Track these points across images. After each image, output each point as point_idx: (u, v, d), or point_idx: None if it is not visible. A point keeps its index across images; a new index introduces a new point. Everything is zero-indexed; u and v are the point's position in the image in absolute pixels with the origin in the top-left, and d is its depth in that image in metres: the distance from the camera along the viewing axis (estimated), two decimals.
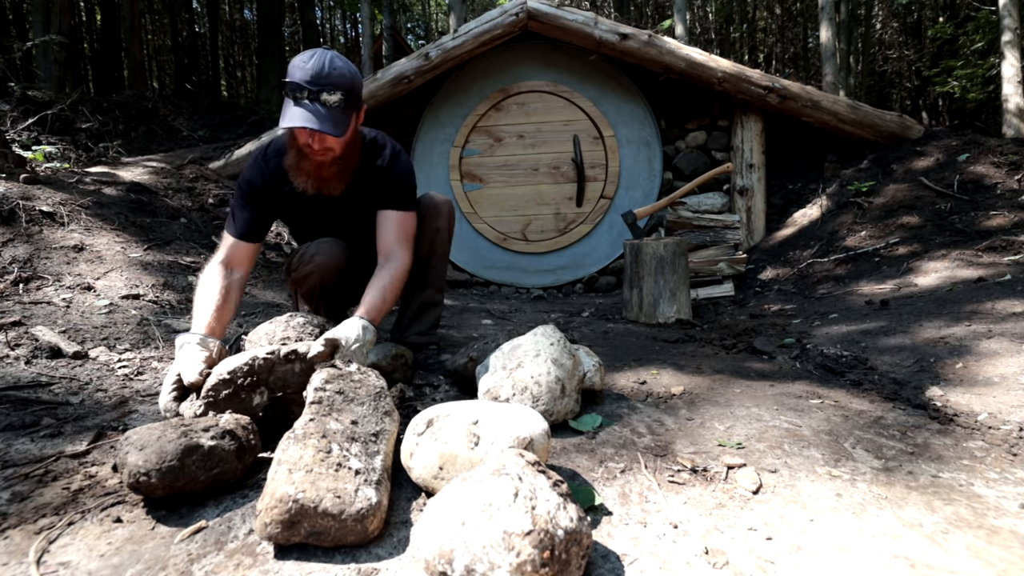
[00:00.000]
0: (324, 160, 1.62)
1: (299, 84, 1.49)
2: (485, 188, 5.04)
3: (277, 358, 1.29)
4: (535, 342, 1.44)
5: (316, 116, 1.49)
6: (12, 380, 1.62)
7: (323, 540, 0.91)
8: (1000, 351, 1.85)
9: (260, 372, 1.28)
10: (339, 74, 1.52)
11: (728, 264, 4.12)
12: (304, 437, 0.99)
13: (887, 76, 14.41)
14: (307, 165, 1.63)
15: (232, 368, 1.25)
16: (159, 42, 16.70)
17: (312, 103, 1.50)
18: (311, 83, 1.49)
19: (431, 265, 1.97)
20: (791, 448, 1.26)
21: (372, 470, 0.99)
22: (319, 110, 1.50)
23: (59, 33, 6.69)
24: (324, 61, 1.51)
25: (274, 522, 0.88)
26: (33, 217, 2.85)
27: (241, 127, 7.10)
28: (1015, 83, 5.79)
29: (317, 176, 1.65)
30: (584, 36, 4.62)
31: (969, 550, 0.90)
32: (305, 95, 1.49)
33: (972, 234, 3.52)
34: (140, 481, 1.00)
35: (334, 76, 1.51)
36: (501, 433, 1.03)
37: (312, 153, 1.59)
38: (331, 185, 1.69)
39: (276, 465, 0.94)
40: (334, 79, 1.51)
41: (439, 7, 23.62)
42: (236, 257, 1.69)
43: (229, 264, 1.66)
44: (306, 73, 1.49)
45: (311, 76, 1.49)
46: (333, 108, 1.51)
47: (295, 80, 1.50)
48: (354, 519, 0.91)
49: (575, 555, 0.80)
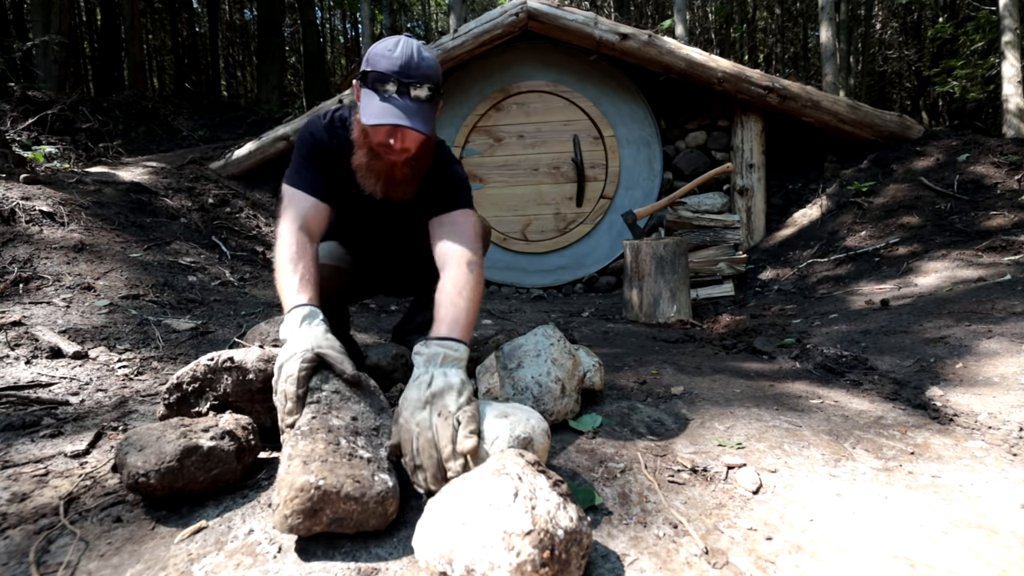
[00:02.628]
0: (398, 160, 1.42)
1: (386, 75, 1.31)
2: (485, 188, 5.04)
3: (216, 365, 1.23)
4: (535, 342, 1.44)
5: (405, 112, 1.31)
6: (12, 380, 1.62)
7: (345, 526, 0.91)
8: (1000, 351, 1.85)
9: (203, 379, 1.24)
10: (428, 64, 1.35)
11: (728, 264, 4.12)
12: (311, 432, 1.00)
13: (887, 76, 14.41)
14: (379, 166, 1.44)
15: (179, 373, 1.23)
16: (159, 42, 16.70)
17: (401, 97, 1.32)
18: (401, 74, 1.31)
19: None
20: (791, 448, 1.26)
21: (381, 459, 1.02)
22: (408, 105, 1.32)
23: (59, 33, 6.69)
24: (412, 50, 1.34)
25: (295, 512, 0.88)
26: (33, 217, 2.85)
27: (241, 127, 7.10)
28: (1015, 83, 5.80)
29: (388, 178, 1.46)
30: (584, 36, 4.62)
31: (969, 550, 0.90)
32: (395, 88, 1.32)
33: (972, 234, 3.52)
34: (139, 482, 1.00)
35: (424, 67, 1.33)
36: (501, 432, 1.03)
37: (387, 153, 1.41)
38: (402, 188, 1.49)
39: (288, 460, 0.94)
40: (424, 70, 1.33)
41: (439, 7, 23.62)
42: (314, 220, 1.43)
43: (305, 229, 1.39)
44: (393, 63, 1.32)
45: (400, 66, 1.31)
46: (423, 103, 1.34)
47: (380, 70, 1.32)
48: (375, 501, 0.92)
49: (575, 555, 0.80)
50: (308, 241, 1.37)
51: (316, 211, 1.44)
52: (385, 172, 1.45)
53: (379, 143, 1.39)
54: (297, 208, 1.42)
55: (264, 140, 4.83)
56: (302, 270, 1.30)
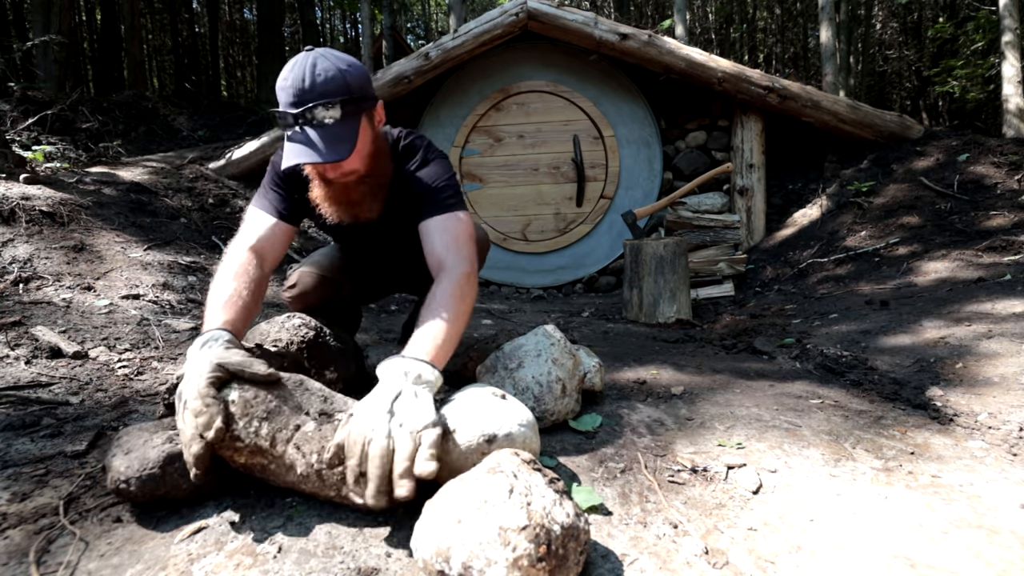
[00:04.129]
0: (350, 182, 1.34)
1: (283, 111, 1.21)
2: (485, 188, 5.04)
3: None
4: (536, 342, 1.44)
5: (312, 145, 1.20)
6: (12, 380, 1.62)
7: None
8: (1000, 351, 1.85)
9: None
10: (326, 78, 1.20)
11: (728, 264, 4.12)
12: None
13: (887, 76, 14.42)
14: (334, 192, 1.35)
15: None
16: (159, 42, 16.70)
17: (303, 130, 1.21)
18: (295, 103, 1.19)
19: None
20: (791, 448, 1.26)
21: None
22: (313, 136, 1.20)
23: (59, 33, 6.69)
24: (304, 69, 1.20)
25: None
26: (33, 217, 2.85)
27: (241, 127, 7.10)
28: (1015, 83, 5.80)
29: (346, 202, 1.37)
30: (584, 36, 4.62)
31: (969, 550, 0.90)
32: (294, 121, 1.20)
33: (972, 234, 3.52)
34: (120, 488, 0.99)
35: (320, 84, 1.19)
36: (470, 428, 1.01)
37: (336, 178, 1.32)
38: (363, 208, 1.40)
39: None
40: (320, 87, 1.19)
41: (439, 7, 23.63)
42: (269, 241, 1.38)
43: (260, 250, 1.35)
44: (286, 94, 1.20)
45: (292, 95, 1.20)
46: (333, 126, 1.22)
47: (278, 106, 1.23)
48: None
49: (572, 551, 0.80)
50: (251, 260, 1.31)
51: (272, 232, 1.39)
52: (342, 197, 1.36)
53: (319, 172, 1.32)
54: (251, 228, 1.39)
55: (264, 140, 4.83)
56: (230, 292, 1.23)
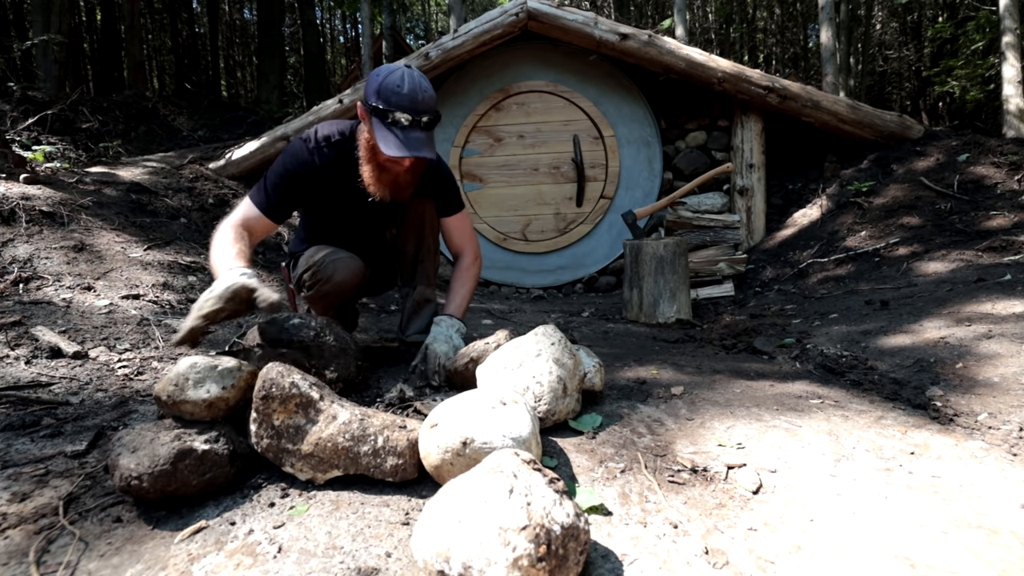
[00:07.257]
0: (403, 171, 1.65)
1: (399, 111, 1.51)
2: (485, 188, 5.04)
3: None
4: (536, 342, 1.44)
5: (418, 143, 1.53)
6: (12, 380, 1.62)
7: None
8: (1000, 351, 1.85)
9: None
10: (430, 95, 1.55)
11: (728, 264, 4.12)
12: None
13: (887, 76, 14.42)
14: (387, 177, 1.66)
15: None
16: (159, 42, 16.70)
17: (413, 130, 1.53)
18: (410, 110, 1.51)
19: (419, 261, 1.95)
20: (791, 448, 1.26)
21: None
22: (419, 136, 1.53)
23: (59, 33, 6.69)
24: (416, 84, 1.53)
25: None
26: (33, 217, 2.85)
27: (241, 127, 7.10)
28: (1015, 83, 5.80)
29: (394, 185, 1.68)
30: (584, 36, 4.62)
31: (969, 550, 0.90)
32: (407, 122, 1.52)
33: (972, 234, 3.52)
34: (131, 485, 0.99)
35: (427, 99, 1.54)
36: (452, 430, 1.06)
37: (395, 168, 1.63)
38: (404, 192, 1.71)
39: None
40: (427, 101, 1.54)
41: (439, 7, 23.62)
42: (255, 229, 1.67)
43: (246, 228, 1.63)
44: (403, 99, 1.51)
45: (409, 102, 1.51)
46: (429, 131, 1.56)
47: (392, 106, 1.51)
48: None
49: (572, 550, 0.80)
50: (243, 234, 1.59)
51: (259, 222, 1.68)
52: (391, 182, 1.68)
53: (387, 161, 1.62)
54: (242, 212, 1.67)
55: (264, 140, 4.83)
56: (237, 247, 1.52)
